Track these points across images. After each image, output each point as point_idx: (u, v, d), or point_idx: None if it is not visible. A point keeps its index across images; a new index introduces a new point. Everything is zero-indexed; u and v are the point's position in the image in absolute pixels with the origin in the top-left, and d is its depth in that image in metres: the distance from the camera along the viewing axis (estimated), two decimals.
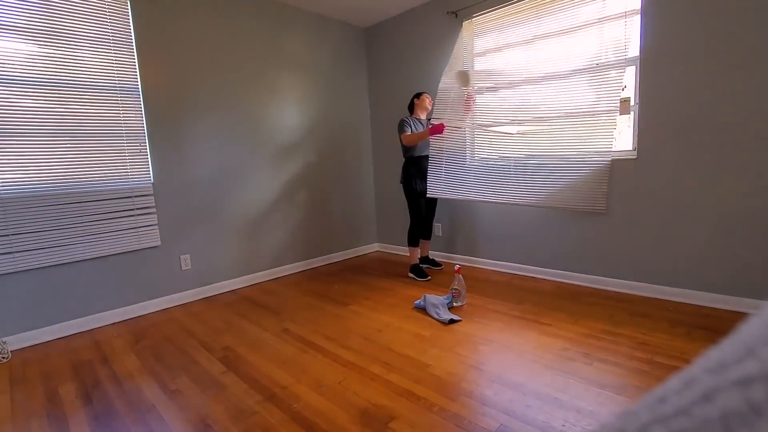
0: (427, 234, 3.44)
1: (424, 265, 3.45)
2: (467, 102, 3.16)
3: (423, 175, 3.22)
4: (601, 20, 2.58)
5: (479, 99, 3.28)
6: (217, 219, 3.10)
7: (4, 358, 2.14)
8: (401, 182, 3.27)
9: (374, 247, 4.43)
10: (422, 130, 3.14)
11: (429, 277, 3.22)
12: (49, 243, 2.36)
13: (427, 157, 3.24)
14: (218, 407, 1.62)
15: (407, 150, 3.20)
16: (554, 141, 2.82)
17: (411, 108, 3.31)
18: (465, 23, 3.28)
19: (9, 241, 2.23)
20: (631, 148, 2.58)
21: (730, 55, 2.16)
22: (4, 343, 2.19)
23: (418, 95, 3.29)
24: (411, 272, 3.29)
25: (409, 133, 3.10)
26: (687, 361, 1.76)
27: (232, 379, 1.83)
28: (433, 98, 3.33)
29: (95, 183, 2.51)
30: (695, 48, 2.26)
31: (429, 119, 3.34)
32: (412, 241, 3.27)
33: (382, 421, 1.47)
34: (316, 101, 3.75)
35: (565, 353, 1.89)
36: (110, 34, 2.52)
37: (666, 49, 2.36)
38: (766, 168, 2.12)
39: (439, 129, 2.97)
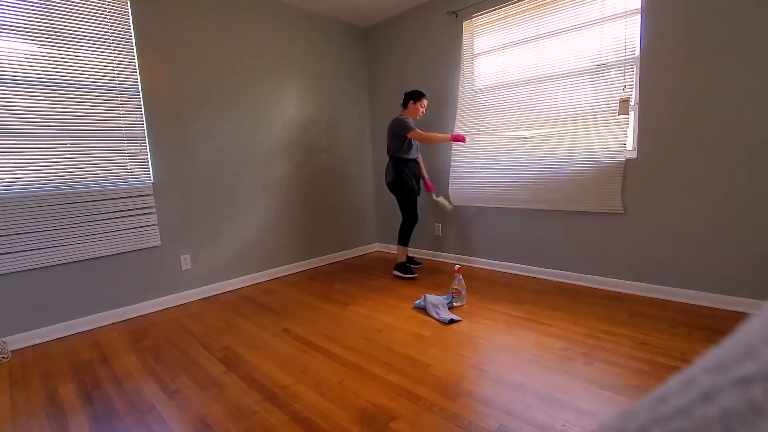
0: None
1: (415, 265, 3.45)
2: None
3: (416, 177, 3.26)
4: (601, 20, 2.58)
5: (482, 99, 3.28)
6: (217, 219, 3.10)
7: (4, 358, 2.14)
8: (391, 182, 3.21)
9: (374, 247, 4.44)
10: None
11: (416, 275, 3.22)
12: (49, 243, 2.36)
13: (415, 160, 3.27)
14: (218, 407, 1.62)
15: (399, 150, 3.15)
16: (565, 143, 2.80)
17: (404, 104, 3.20)
18: (465, 23, 3.28)
19: (9, 241, 2.23)
20: (631, 149, 2.58)
21: (731, 55, 2.16)
22: (4, 343, 2.19)
23: (417, 97, 3.15)
24: (397, 270, 3.28)
25: (419, 130, 3.06)
26: (687, 361, 1.76)
27: (232, 379, 1.83)
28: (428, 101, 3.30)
29: (95, 183, 2.51)
30: (696, 47, 2.26)
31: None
32: (404, 240, 3.28)
33: (382, 421, 1.47)
34: (316, 101, 3.75)
35: (565, 353, 1.89)
36: (110, 34, 2.52)
37: (666, 48, 2.36)
38: (766, 168, 2.12)
39: (461, 138, 3.06)
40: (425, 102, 3.18)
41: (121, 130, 2.60)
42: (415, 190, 3.21)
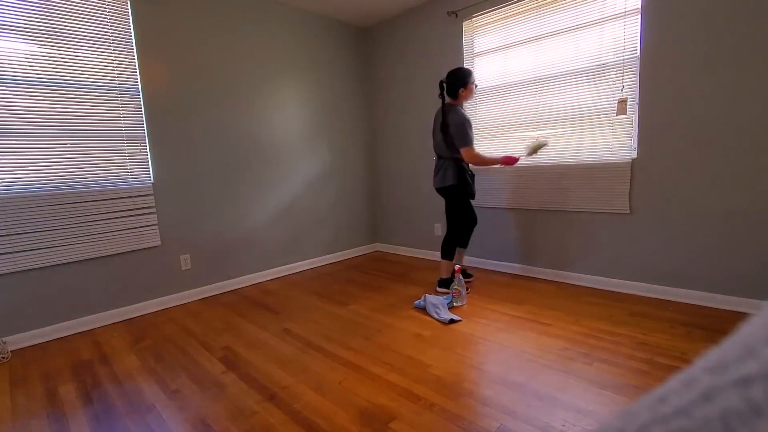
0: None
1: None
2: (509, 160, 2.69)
3: (473, 178, 2.81)
4: (601, 20, 2.58)
5: (482, 99, 3.28)
6: (217, 219, 3.10)
7: (4, 358, 2.14)
8: (452, 185, 2.67)
9: (374, 247, 4.43)
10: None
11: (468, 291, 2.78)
12: (49, 243, 2.35)
13: None
14: (218, 407, 1.62)
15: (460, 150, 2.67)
16: (570, 143, 2.79)
17: (452, 95, 2.64)
18: (465, 23, 3.28)
19: (9, 241, 2.23)
20: (632, 149, 2.58)
21: (731, 54, 2.16)
22: (4, 343, 2.19)
23: (465, 79, 2.60)
24: (443, 286, 2.79)
25: (475, 147, 2.62)
26: (687, 361, 1.76)
27: (232, 379, 1.83)
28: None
29: (95, 183, 2.51)
30: (696, 47, 2.26)
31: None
32: (451, 253, 2.78)
33: (382, 421, 1.47)
34: (316, 101, 3.75)
35: (565, 353, 1.89)
36: (110, 34, 2.52)
37: (666, 48, 2.35)
38: (767, 168, 2.12)
39: (512, 161, 2.65)
40: (473, 78, 2.66)
41: (121, 130, 2.60)
42: (474, 194, 2.79)
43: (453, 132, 2.59)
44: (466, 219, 2.78)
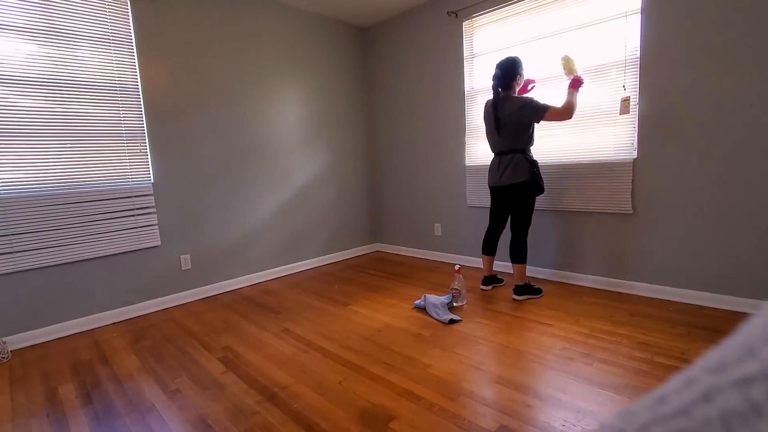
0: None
1: (487, 287, 2.85)
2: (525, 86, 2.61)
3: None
4: (601, 20, 2.58)
5: (482, 100, 3.27)
6: (216, 219, 3.10)
7: (4, 358, 2.14)
8: (526, 182, 2.49)
9: (374, 247, 4.43)
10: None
11: (542, 292, 2.70)
12: (49, 243, 2.35)
13: None
14: (218, 407, 1.62)
15: (530, 140, 2.54)
16: (572, 143, 2.79)
17: (506, 87, 2.51)
18: (465, 23, 3.28)
19: (9, 241, 2.23)
20: (633, 148, 2.58)
21: (731, 53, 2.16)
22: (4, 343, 2.19)
23: (519, 69, 2.50)
24: (522, 293, 2.62)
25: (551, 104, 2.40)
26: (687, 361, 1.76)
27: (232, 379, 1.83)
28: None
29: (95, 183, 2.51)
30: (695, 47, 2.26)
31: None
32: (524, 254, 2.59)
33: (382, 421, 1.47)
34: (316, 101, 3.75)
35: (565, 353, 1.89)
36: (110, 34, 2.52)
37: (666, 48, 2.36)
38: (767, 168, 2.12)
39: (580, 82, 2.44)
40: (523, 66, 2.54)
41: (121, 130, 2.60)
42: (544, 189, 2.58)
43: (525, 114, 2.44)
44: (529, 222, 2.59)
